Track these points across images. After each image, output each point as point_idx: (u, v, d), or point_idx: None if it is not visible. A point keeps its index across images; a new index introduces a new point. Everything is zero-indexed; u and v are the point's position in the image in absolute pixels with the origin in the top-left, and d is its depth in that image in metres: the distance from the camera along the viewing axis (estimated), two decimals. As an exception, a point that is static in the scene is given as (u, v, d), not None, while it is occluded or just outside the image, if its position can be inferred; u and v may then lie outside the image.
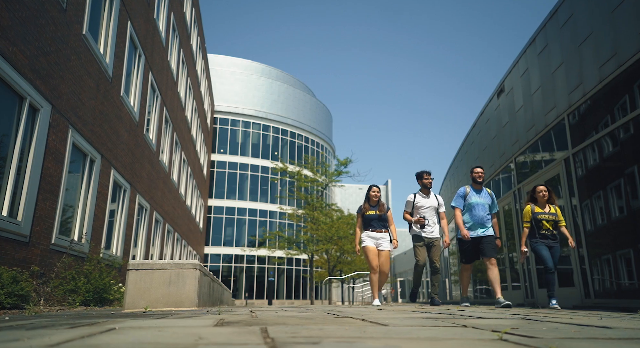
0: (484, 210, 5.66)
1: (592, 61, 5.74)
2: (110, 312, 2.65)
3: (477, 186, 5.79)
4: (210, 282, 4.13)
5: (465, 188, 5.91)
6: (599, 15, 5.55)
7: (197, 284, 2.97)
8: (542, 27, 7.06)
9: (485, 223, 5.62)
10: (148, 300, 2.85)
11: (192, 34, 19.81)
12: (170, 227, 15.85)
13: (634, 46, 4.86)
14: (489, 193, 5.87)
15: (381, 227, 5.77)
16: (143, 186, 11.57)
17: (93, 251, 7.66)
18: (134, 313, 2.36)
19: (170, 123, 14.99)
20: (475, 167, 5.80)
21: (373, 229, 5.77)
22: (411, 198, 6.09)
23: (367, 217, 5.82)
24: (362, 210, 5.91)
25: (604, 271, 6.11)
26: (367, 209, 5.85)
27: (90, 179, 7.74)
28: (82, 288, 5.47)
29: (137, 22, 10.39)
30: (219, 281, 6.48)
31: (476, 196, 5.73)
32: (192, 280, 2.95)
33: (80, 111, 7.09)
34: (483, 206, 5.68)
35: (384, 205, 5.97)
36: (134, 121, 10.38)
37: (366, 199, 5.97)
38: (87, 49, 7.33)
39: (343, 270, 22.35)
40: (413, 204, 6.01)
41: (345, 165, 18.86)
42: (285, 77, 40.84)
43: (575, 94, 6.19)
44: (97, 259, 6.01)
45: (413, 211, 6.02)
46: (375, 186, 6.00)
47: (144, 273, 2.87)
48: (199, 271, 3.04)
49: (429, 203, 5.99)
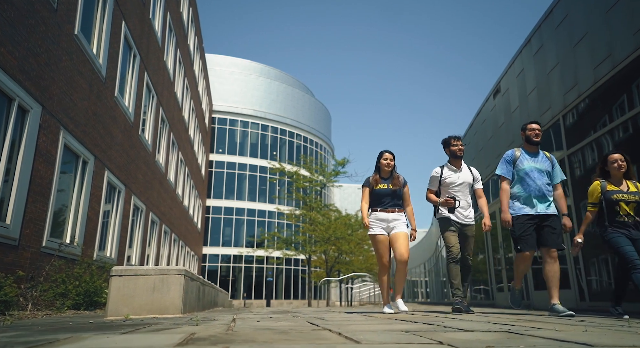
0: (542, 179, 4.22)
1: (587, 61, 5.68)
2: (89, 321, 2.59)
3: (532, 147, 4.36)
4: (199, 286, 4.08)
5: (514, 150, 4.43)
6: (594, 16, 5.50)
7: (182, 290, 2.91)
8: (537, 28, 7.01)
9: (546, 195, 4.20)
10: (132, 307, 2.80)
11: (189, 34, 19.74)
12: (167, 228, 15.79)
13: (628, 46, 4.81)
14: (547, 156, 4.41)
15: (394, 206, 4.40)
16: (138, 187, 11.51)
17: (85, 253, 7.61)
18: (113, 322, 2.30)
19: (166, 123, 14.93)
20: (530, 123, 4.41)
21: (383, 208, 4.39)
22: (437, 173, 4.71)
23: (377, 192, 4.46)
24: (371, 183, 4.53)
25: (601, 273, 6.05)
26: (378, 181, 4.47)
27: (83, 180, 7.68)
28: (72, 292, 5.42)
29: (132, 22, 10.33)
30: (212, 285, 6.43)
31: (530, 161, 4.30)
32: (177, 287, 2.89)
33: (72, 112, 7.03)
34: (540, 174, 4.24)
35: (400, 178, 4.55)
36: (128, 122, 10.31)
37: (376, 169, 4.61)
38: (80, 50, 7.27)
39: (341, 270, 22.30)
40: (440, 181, 4.64)
41: (342, 165, 18.82)
42: (284, 77, 40.77)
43: (570, 94, 6.13)
44: (88, 262, 5.95)
45: (440, 190, 4.68)
46: (387, 151, 4.58)
47: (128, 280, 2.81)
48: (184, 277, 2.98)
49: (461, 178, 4.62)
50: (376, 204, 4.48)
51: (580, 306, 6.35)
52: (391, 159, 4.55)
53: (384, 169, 4.55)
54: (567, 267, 6.89)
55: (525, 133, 4.43)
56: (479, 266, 12.96)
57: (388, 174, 4.54)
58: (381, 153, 4.61)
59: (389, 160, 4.54)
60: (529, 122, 4.46)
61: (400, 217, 4.42)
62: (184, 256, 20.63)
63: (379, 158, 4.61)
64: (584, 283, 6.45)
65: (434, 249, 24.61)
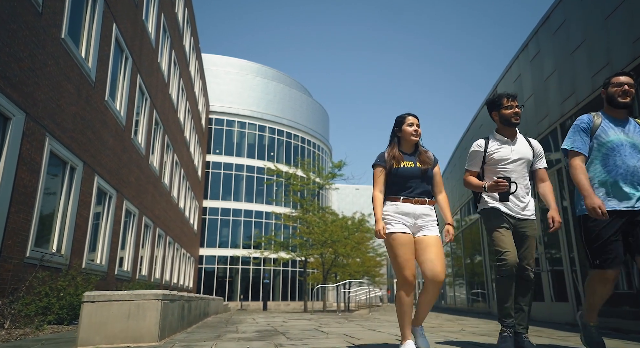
0: (636, 157, 2.88)
1: (585, 69, 5.53)
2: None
3: (618, 112, 3.02)
4: (183, 304, 3.92)
5: (590, 115, 3.05)
6: (592, 23, 5.35)
7: (159, 316, 2.74)
8: (534, 33, 6.87)
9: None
10: (104, 336, 2.63)
11: (185, 34, 19.55)
12: (161, 231, 15.62)
13: (627, 55, 4.66)
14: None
15: (424, 195, 3.02)
16: (131, 191, 11.34)
17: (73, 262, 7.44)
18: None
19: (161, 126, 14.75)
20: (617, 75, 3.04)
21: (407, 197, 2.98)
22: (479, 146, 3.29)
23: (398, 173, 3.02)
24: (387, 160, 3.09)
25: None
26: (399, 157, 3.06)
27: (71, 187, 7.51)
28: (55, 306, 5.25)
29: (124, 25, 10.15)
30: (200, 297, 6.26)
31: (617, 131, 2.95)
32: (154, 312, 2.73)
33: (58, 117, 6.86)
34: (633, 149, 2.90)
35: (429, 153, 3.19)
36: (120, 126, 10.14)
37: (395, 140, 3.17)
38: (67, 54, 7.10)
39: (338, 273, 22.15)
40: (484, 158, 3.25)
41: (339, 168, 18.66)
42: (281, 77, 40.58)
43: (568, 103, 5.99)
44: (72, 274, 5.78)
45: (483, 170, 3.28)
46: (412, 114, 3.18)
47: (100, 306, 2.65)
48: (161, 301, 2.82)
49: (516, 153, 3.20)
50: (397, 191, 3.00)
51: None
52: (418, 125, 3.12)
53: (408, 140, 3.09)
54: (562, 268, 6.67)
55: (608, 90, 3.02)
56: (475, 269, 12.82)
57: (412, 148, 3.13)
58: (403, 117, 3.14)
59: (416, 126, 3.09)
60: (616, 74, 3.06)
61: (431, 212, 3.00)
62: (180, 258, 20.46)
63: (399, 123, 3.14)
64: (582, 295, 6.26)
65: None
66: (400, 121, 3.15)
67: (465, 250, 14.09)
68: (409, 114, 3.15)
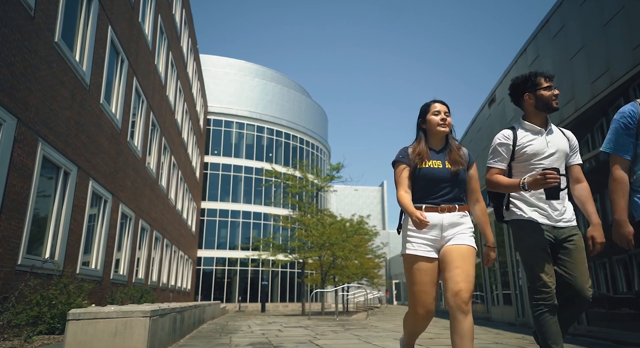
0: None
1: (584, 75, 5.46)
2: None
3: None
4: (175, 317, 3.84)
5: (635, 105, 2.36)
6: (591, 29, 5.28)
7: (147, 334, 2.67)
8: (533, 37, 6.79)
9: None
10: (90, 354, 2.56)
11: (182, 36, 19.45)
12: (158, 234, 15.53)
13: (626, 62, 4.59)
14: None
15: (455, 200, 2.47)
16: (127, 195, 11.25)
17: (67, 268, 7.35)
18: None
19: (157, 128, 14.66)
20: None
21: (433, 203, 2.44)
22: (506, 138, 2.67)
23: (424, 175, 2.47)
24: (412, 158, 2.52)
25: (599, 283, 5.76)
26: (425, 155, 2.50)
27: (65, 192, 7.42)
28: (47, 315, 5.16)
29: (119, 27, 10.06)
30: (195, 305, 6.18)
31: None
32: (142, 330, 2.65)
33: (52, 122, 6.77)
34: None
35: (463, 149, 2.63)
36: (115, 129, 10.05)
37: (421, 134, 2.61)
38: (60, 57, 7.01)
39: (337, 275, 22.07)
40: (513, 151, 2.65)
41: (337, 170, 18.59)
42: (280, 78, 40.49)
43: (567, 108, 5.91)
44: (64, 282, 5.69)
45: (511, 168, 2.67)
46: (438, 101, 2.61)
47: (86, 324, 2.57)
48: (149, 318, 2.74)
49: (552, 146, 2.62)
50: (420, 198, 2.43)
51: (578, 330, 6.03)
52: (447, 113, 2.53)
53: (436, 133, 2.52)
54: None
55: None
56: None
57: (442, 143, 2.55)
58: (427, 105, 2.57)
59: (444, 114, 2.51)
60: None
61: (464, 221, 2.41)
62: (177, 260, 20.36)
63: (423, 113, 2.58)
64: None
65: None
66: (425, 110, 2.56)
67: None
68: (434, 101, 2.56)
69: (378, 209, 61.48)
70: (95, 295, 8.83)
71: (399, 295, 48.63)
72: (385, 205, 61.29)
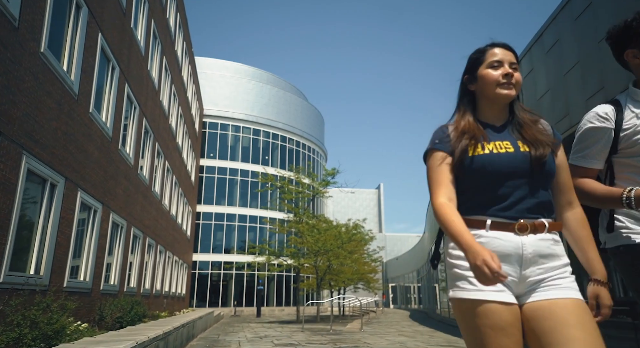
0: None
1: (579, 91, 5.37)
2: None
3: None
4: (157, 345, 3.71)
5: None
6: (586, 45, 5.19)
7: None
8: (527, 50, 6.69)
9: None
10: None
11: (177, 40, 19.31)
12: (151, 240, 15.37)
13: (621, 82, 4.49)
14: None
15: (538, 210, 1.39)
16: (118, 203, 11.10)
17: (54, 282, 7.21)
18: None
19: (151, 134, 14.51)
20: None
21: (502, 217, 1.38)
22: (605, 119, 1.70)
23: (482, 166, 1.41)
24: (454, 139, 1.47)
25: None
26: (479, 135, 1.47)
27: (52, 205, 7.27)
28: (27, 337, 5.01)
29: (110, 34, 9.92)
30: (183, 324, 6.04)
31: None
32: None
33: (37, 134, 6.62)
34: None
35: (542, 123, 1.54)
36: (106, 137, 9.91)
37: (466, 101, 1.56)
38: (47, 68, 6.87)
39: (332, 280, 21.95)
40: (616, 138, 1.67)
41: (332, 176, 18.47)
42: (276, 81, 40.37)
43: (562, 124, 5.81)
44: (46, 302, 5.54)
45: (612, 166, 1.72)
46: (498, 44, 1.51)
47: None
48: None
49: None
50: (478, 207, 1.44)
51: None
52: (514, 65, 1.53)
53: (494, 98, 1.52)
54: None
55: None
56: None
57: (504, 114, 1.57)
58: (482, 52, 1.55)
59: (509, 67, 1.51)
60: None
61: (558, 251, 1.40)
62: (172, 266, 20.19)
63: (473, 65, 1.57)
64: None
65: (427, 258, 24.38)
66: (476, 61, 1.55)
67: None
68: (492, 44, 1.54)
69: (375, 211, 61.42)
70: (84, 308, 8.67)
71: (395, 298, 48.52)
72: (381, 208, 61.23)
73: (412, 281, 38.17)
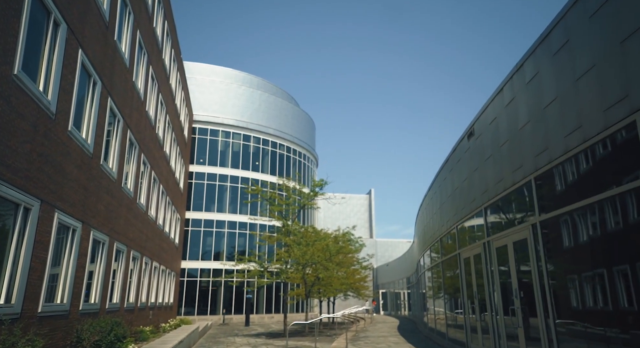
0: None
1: (558, 126, 5.28)
2: None
3: None
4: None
5: None
6: (563, 81, 5.09)
7: None
8: (509, 78, 6.61)
9: None
10: None
11: (164, 48, 19.10)
12: (136, 253, 15.14)
13: (598, 123, 4.41)
14: None
15: None
16: (99, 220, 10.89)
17: (26, 309, 7.01)
18: None
19: (136, 146, 14.30)
20: None
21: None
22: None
23: None
24: None
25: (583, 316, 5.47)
26: None
27: (25, 229, 7.08)
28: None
29: (91, 49, 9.74)
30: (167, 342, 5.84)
31: None
32: None
33: (9, 159, 6.44)
34: None
35: None
36: (86, 154, 9.71)
37: None
38: (21, 90, 6.69)
39: (321, 289, 21.83)
40: None
41: (320, 187, 18.36)
42: (267, 86, 40.21)
43: (541, 158, 5.74)
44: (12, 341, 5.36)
45: None
46: None
47: None
48: None
49: None
50: None
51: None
52: None
53: None
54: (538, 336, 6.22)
55: None
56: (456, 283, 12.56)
57: None
58: None
59: None
60: None
61: None
62: (158, 276, 19.93)
63: None
64: (552, 333, 5.86)
65: (416, 267, 24.31)
66: None
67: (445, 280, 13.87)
68: None
69: (365, 217, 61.39)
70: (60, 331, 8.47)
71: (385, 305, 48.50)
72: (372, 213, 61.25)
73: (402, 287, 38.18)
